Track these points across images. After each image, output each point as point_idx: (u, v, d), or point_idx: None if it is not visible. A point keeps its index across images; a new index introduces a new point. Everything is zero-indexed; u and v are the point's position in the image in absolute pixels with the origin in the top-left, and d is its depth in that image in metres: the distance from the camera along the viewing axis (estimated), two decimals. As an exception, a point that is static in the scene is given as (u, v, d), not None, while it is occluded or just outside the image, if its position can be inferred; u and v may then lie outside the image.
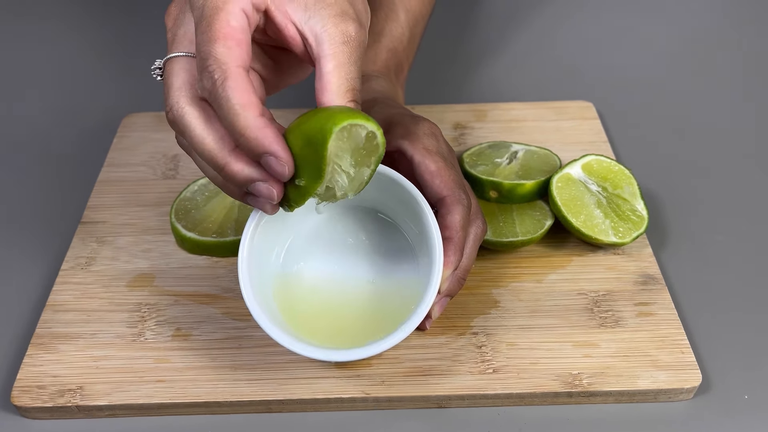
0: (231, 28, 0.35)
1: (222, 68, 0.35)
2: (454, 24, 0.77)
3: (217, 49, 0.35)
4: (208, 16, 0.35)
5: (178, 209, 0.53)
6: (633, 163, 0.58)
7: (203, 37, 0.35)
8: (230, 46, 0.35)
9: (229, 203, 0.53)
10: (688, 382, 0.44)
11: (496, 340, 0.46)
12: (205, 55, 0.35)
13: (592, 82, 0.68)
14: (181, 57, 0.38)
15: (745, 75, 0.70)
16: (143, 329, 0.47)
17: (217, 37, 0.35)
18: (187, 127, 0.37)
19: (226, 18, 0.35)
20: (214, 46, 0.35)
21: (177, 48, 0.39)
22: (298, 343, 0.40)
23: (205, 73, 0.35)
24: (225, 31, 0.35)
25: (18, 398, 0.44)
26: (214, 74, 0.35)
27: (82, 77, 0.71)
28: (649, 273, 0.50)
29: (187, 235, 0.51)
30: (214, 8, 0.35)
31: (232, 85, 0.34)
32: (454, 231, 0.43)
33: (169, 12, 0.40)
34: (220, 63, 0.35)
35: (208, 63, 0.35)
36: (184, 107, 0.37)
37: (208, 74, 0.35)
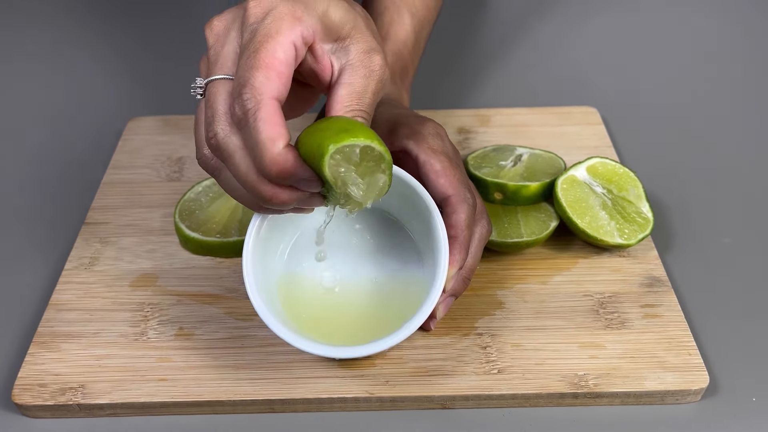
0: (276, 59, 0.35)
1: (257, 98, 0.34)
2: (459, 30, 0.78)
3: (258, 78, 0.34)
4: (257, 41, 0.35)
5: (182, 210, 0.53)
6: (637, 168, 0.58)
7: (246, 62, 0.35)
8: (270, 77, 0.35)
9: (234, 204, 0.53)
10: (696, 383, 0.43)
11: (501, 340, 0.46)
12: (243, 81, 0.35)
13: (597, 89, 0.69)
14: (226, 81, 0.37)
15: (749, 80, 0.70)
16: (146, 328, 0.47)
17: (259, 66, 0.35)
18: (232, 155, 0.36)
19: (274, 48, 0.35)
20: (254, 73, 0.34)
21: (221, 69, 0.37)
22: (300, 338, 0.39)
23: (239, 100, 0.35)
24: (269, 61, 0.35)
25: (19, 396, 0.44)
26: (247, 103, 0.34)
27: (89, 81, 0.71)
28: (655, 275, 0.50)
29: (191, 235, 0.51)
30: (266, 35, 0.35)
31: (264, 117, 0.34)
32: (459, 230, 0.43)
33: (213, 26, 0.39)
34: (255, 92, 0.34)
35: (244, 91, 0.34)
36: (228, 135, 0.36)
37: (241, 102, 0.34)
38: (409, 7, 0.59)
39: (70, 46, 0.76)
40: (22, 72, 0.73)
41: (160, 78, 0.71)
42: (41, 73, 0.73)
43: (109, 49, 0.75)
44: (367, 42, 0.39)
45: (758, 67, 0.71)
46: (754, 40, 0.75)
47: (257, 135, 0.34)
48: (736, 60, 0.72)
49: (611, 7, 0.80)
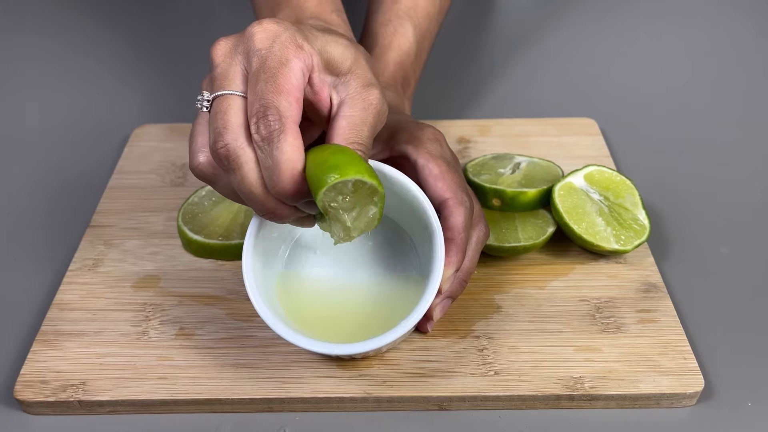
0: (292, 85, 0.37)
1: (282, 121, 0.36)
2: (461, 42, 0.79)
3: (282, 102, 0.37)
4: (272, 67, 0.37)
5: (186, 213, 0.53)
6: (635, 177, 0.59)
7: (267, 86, 0.37)
8: (291, 102, 0.37)
9: (236, 208, 0.54)
10: (691, 387, 0.44)
11: (497, 343, 0.46)
12: (267, 104, 0.36)
13: (595, 101, 0.70)
14: (236, 96, 0.38)
15: (745, 91, 0.71)
16: (147, 328, 0.48)
17: (281, 91, 0.37)
18: (242, 167, 0.37)
19: (289, 74, 0.37)
20: (278, 98, 0.37)
21: (230, 86, 0.39)
22: (297, 335, 0.40)
23: (264, 121, 0.36)
24: (288, 87, 0.37)
25: (20, 392, 0.44)
26: (273, 125, 0.36)
27: (98, 90, 0.73)
28: (651, 281, 0.50)
29: (194, 237, 0.52)
30: (279, 61, 0.37)
31: (289, 140, 0.36)
32: (457, 232, 0.43)
33: (219, 46, 0.40)
34: (281, 116, 0.36)
35: (270, 113, 0.36)
36: (243, 147, 0.37)
37: (266, 123, 0.36)
38: (412, 18, 0.60)
39: (79, 56, 0.78)
40: (33, 80, 0.74)
41: (166, 88, 0.72)
42: (52, 81, 0.74)
43: (117, 60, 0.77)
44: (366, 78, 0.41)
45: (755, 79, 0.72)
46: (751, 51, 0.76)
47: (280, 155, 0.36)
48: (732, 72, 0.73)
49: (610, 22, 0.82)
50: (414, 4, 0.60)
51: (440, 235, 0.42)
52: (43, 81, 0.74)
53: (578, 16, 0.83)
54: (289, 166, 0.36)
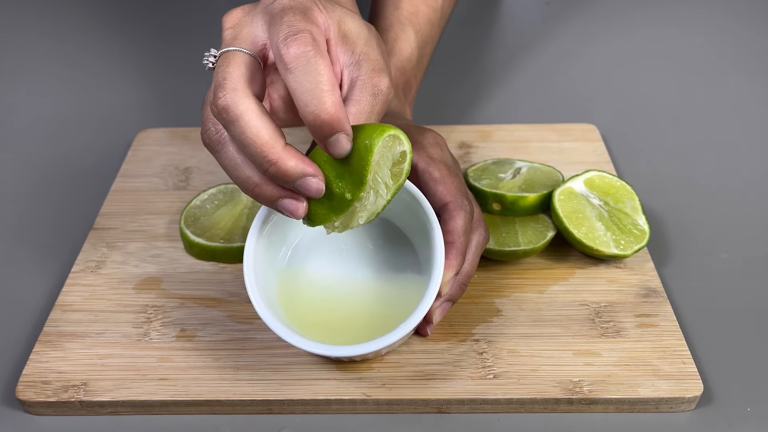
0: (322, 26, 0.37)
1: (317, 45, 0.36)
2: (462, 48, 0.79)
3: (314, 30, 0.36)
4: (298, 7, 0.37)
5: (188, 216, 0.54)
6: (635, 183, 0.59)
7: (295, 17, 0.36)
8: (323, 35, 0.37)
9: (238, 212, 0.54)
10: (690, 391, 0.44)
11: (497, 347, 0.46)
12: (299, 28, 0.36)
13: (596, 107, 0.70)
14: (242, 53, 0.38)
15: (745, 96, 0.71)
16: (149, 330, 0.48)
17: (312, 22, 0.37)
18: (242, 115, 0.36)
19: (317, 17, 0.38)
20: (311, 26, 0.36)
21: (239, 44, 0.38)
22: (298, 337, 0.40)
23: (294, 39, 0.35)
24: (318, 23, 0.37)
25: (22, 393, 0.44)
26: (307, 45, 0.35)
27: (101, 94, 0.73)
28: (651, 286, 0.50)
29: (195, 240, 0.52)
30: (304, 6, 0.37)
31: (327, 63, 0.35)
32: (457, 236, 0.44)
33: (231, 13, 0.40)
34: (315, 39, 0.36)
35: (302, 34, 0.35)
36: (242, 97, 0.36)
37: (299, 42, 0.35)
38: (414, 24, 0.60)
39: (84, 61, 0.79)
40: (37, 84, 0.75)
41: (169, 92, 0.73)
42: (56, 86, 0.75)
43: (121, 65, 0.78)
44: (378, 62, 0.40)
45: (755, 83, 0.73)
46: (750, 57, 0.77)
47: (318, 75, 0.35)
48: (732, 77, 0.74)
49: (611, 29, 0.82)
50: (416, 10, 0.61)
51: (440, 239, 0.42)
52: (47, 85, 0.75)
53: (579, 22, 0.84)
54: (328, 87, 0.35)
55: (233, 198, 0.55)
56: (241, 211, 0.54)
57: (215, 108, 0.37)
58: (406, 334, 0.41)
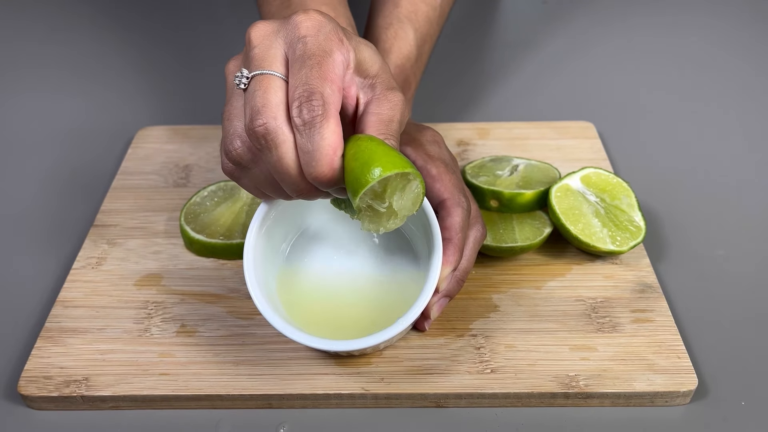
0: (336, 74, 0.38)
1: (326, 108, 0.37)
2: (461, 47, 0.80)
3: (326, 89, 0.37)
4: (317, 54, 0.37)
5: (188, 213, 0.54)
6: (632, 180, 0.60)
7: (312, 72, 0.37)
8: (335, 91, 0.37)
9: (238, 208, 0.55)
10: (684, 385, 0.44)
11: (494, 342, 0.47)
12: (312, 89, 0.37)
13: (593, 105, 0.70)
14: (277, 77, 0.38)
15: (741, 95, 0.71)
16: (149, 325, 0.48)
17: (326, 78, 0.37)
18: (280, 146, 0.37)
19: (333, 64, 0.38)
20: (324, 84, 0.37)
21: (270, 66, 0.38)
22: (296, 331, 0.41)
23: (308, 105, 0.36)
24: (332, 76, 0.37)
25: (24, 388, 0.45)
26: (316, 110, 0.36)
27: (102, 93, 0.74)
28: (647, 282, 0.51)
29: (195, 237, 0.52)
30: (323, 50, 0.38)
31: (332, 127, 0.37)
32: (454, 232, 0.44)
33: (258, 27, 0.40)
34: (326, 102, 0.37)
35: (314, 98, 0.36)
36: (282, 126, 0.37)
37: (310, 108, 0.36)
38: (413, 22, 0.61)
39: (84, 60, 0.79)
40: (39, 83, 0.75)
41: (169, 90, 0.73)
42: (57, 84, 0.75)
43: (121, 63, 0.78)
44: (390, 83, 0.41)
45: (752, 82, 0.73)
46: (748, 55, 0.77)
47: (321, 140, 0.36)
48: (729, 75, 0.74)
49: (609, 27, 0.83)
50: (415, 9, 0.61)
51: (438, 235, 0.43)
52: (48, 84, 0.75)
53: (577, 21, 0.84)
54: (329, 152, 0.36)
55: (233, 195, 0.56)
56: (240, 208, 0.55)
57: (252, 133, 0.37)
58: (404, 329, 0.41)
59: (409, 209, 0.39)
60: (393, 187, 0.38)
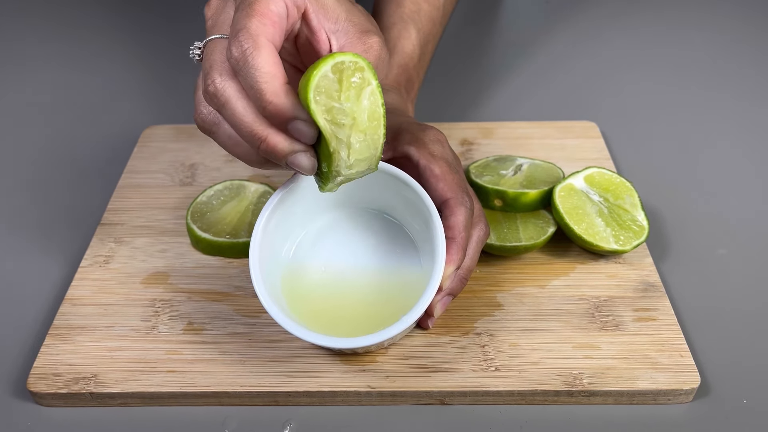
0: (269, 10, 0.37)
1: (254, 39, 0.36)
2: (464, 46, 0.80)
3: (252, 23, 0.36)
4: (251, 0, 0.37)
5: (194, 212, 0.55)
6: (635, 179, 0.60)
7: (241, 14, 0.37)
8: (265, 23, 0.36)
9: (243, 207, 0.55)
10: (687, 383, 0.45)
11: (498, 340, 0.47)
12: (239, 27, 0.36)
13: (597, 104, 0.71)
14: (222, 39, 0.39)
15: (744, 94, 0.71)
16: (157, 323, 0.49)
17: (254, 14, 0.36)
18: (229, 100, 0.37)
19: (267, 2, 0.37)
20: (249, 20, 0.36)
21: (218, 31, 0.40)
22: (301, 329, 0.41)
23: (235, 42, 0.36)
24: (262, 11, 0.37)
25: (34, 384, 0.45)
26: (243, 44, 0.36)
27: (109, 92, 0.74)
28: (650, 281, 0.51)
29: (202, 235, 0.53)
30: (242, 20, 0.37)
31: (263, 55, 0.36)
32: (458, 231, 0.45)
33: (210, 4, 0.42)
34: (251, 34, 0.36)
35: (240, 34, 0.36)
36: (225, 81, 0.37)
37: (237, 44, 0.36)
38: (415, 22, 0.61)
39: (91, 58, 0.79)
40: (46, 82, 0.76)
41: (175, 89, 0.74)
42: (64, 83, 0.76)
43: (127, 62, 0.78)
44: (364, 25, 0.40)
45: (754, 83, 0.73)
46: (751, 55, 0.77)
47: (256, 72, 0.36)
48: (731, 76, 0.74)
49: (612, 27, 0.83)
50: (418, 8, 0.62)
51: (441, 234, 0.43)
52: (54, 83, 0.76)
53: (580, 20, 0.84)
54: (267, 79, 0.35)
55: (239, 194, 0.56)
56: (246, 207, 0.55)
57: (206, 95, 0.38)
58: (408, 327, 0.42)
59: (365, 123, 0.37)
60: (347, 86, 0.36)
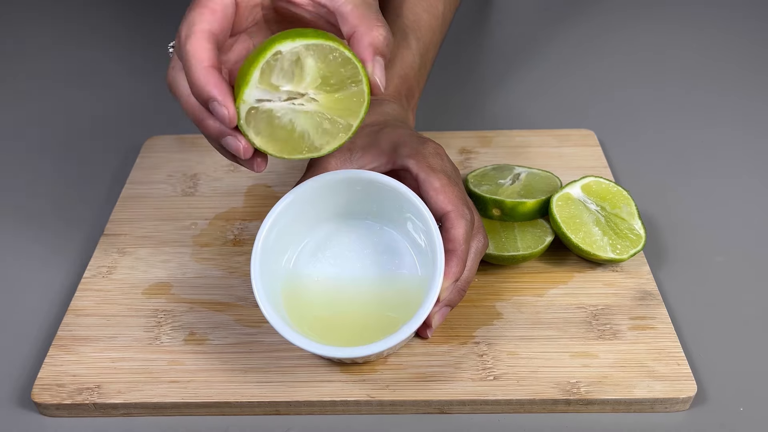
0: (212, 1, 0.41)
1: (188, 28, 0.40)
2: (463, 56, 0.81)
3: (191, 14, 0.41)
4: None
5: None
6: (632, 188, 0.60)
7: (189, 7, 0.41)
8: (203, 12, 0.40)
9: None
10: (684, 392, 0.45)
11: (497, 349, 0.48)
12: (183, 19, 0.41)
13: (594, 112, 0.71)
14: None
15: (741, 103, 0.72)
16: (159, 333, 0.50)
17: (195, 6, 0.41)
18: (177, 87, 0.42)
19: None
20: (189, 12, 0.41)
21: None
22: (303, 338, 0.42)
23: (177, 34, 0.41)
24: (204, 1, 0.41)
25: (38, 395, 0.46)
26: (181, 33, 0.40)
27: (110, 102, 0.75)
28: (647, 289, 0.52)
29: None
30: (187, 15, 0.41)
31: (192, 41, 0.39)
32: (457, 244, 0.45)
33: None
34: (188, 24, 0.40)
35: (182, 25, 0.41)
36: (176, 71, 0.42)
37: (178, 35, 0.41)
38: (415, 32, 0.62)
39: (93, 69, 0.80)
40: (48, 92, 0.77)
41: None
42: (66, 94, 0.76)
43: (128, 72, 0.79)
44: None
45: (752, 91, 0.74)
46: (748, 63, 0.78)
47: (186, 57, 0.39)
48: (729, 84, 0.75)
49: (609, 35, 0.84)
50: (417, 18, 0.62)
51: (440, 246, 0.44)
52: (56, 93, 0.76)
53: (578, 29, 0.85)
54: (193, 63, 0.39)
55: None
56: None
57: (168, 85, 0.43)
58: (407, 337, 0.42)
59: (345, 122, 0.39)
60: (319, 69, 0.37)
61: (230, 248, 0.56)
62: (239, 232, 0.57)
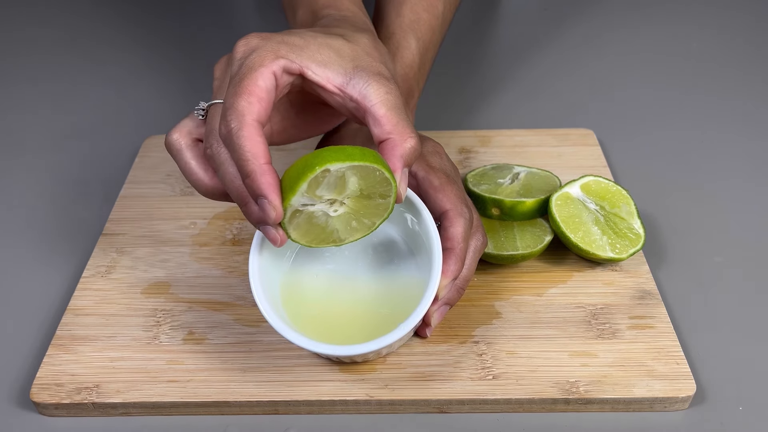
0: (257, 86, 0.40)
1: (240, 119, 0.39)
2: (462, 55, 0.81)
3: (241, 102, 0.39)
4: (242, 73, 0.40)
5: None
6: (631, 187, 0.60)
7: (231, 90, 0.40)
8: (251, 102, 0.39)
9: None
10: (683, 391, 0.45)
11: (496, 348, 0.48)
12: (227, 105, 0.39)
13: (593, 112, 0.71)
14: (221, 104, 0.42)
15: (741, 102, 0.72)
16: (158, 333, 0.50)
17: (242, 92, 0.39)
18: (222, 163, 0.41)
19: (255, 77, 0.40)
20: (237, 99, 0.39)
21: (220, 95, 0.43)
22: (301, 337, 0.42)
23: (223, 120, 0.39)
24: (251, 89, 0.39)
25: (37, 395, 0.46)
26: (230, 123, 0.39)
27: (110, 102, 0.75)
28: (646, 289, 0.51)
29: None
30: (250, 67, 0.40)
31: (246, 135, 0.38)
32: (456, 242, 0.45)
33: (220, 63, 0.46)
34: (239, 114, 0.39)
35: (228, 113, 0.39)
36: (221, 147, 0.41)
37: (225, 123, 0.39)
38: (415, 31, 0.62)
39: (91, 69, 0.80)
40: (48, 92, 0.77)
41: (176, 99, 0.74)
42: (65, 94, 0.76)
43: (128, 74, 0.79)
44: (373, 68, 0.42)
45: (752, 90, 0.74)
46: (748, 63, 0.78)
47: (239, 150, 0.39)
48: (729, 83, 0.75)
49: (609, 35, 0.84)
50: (417, 18, 0.62)
51: (438, 245, 0.44)
52: (56, 93, 0.76)
53: (578, 28, 0.85)
54: (248, 157, 0.38)
55: None
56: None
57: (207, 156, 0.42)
58: (404, 335, 0.42)
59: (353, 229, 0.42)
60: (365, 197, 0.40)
61: (229, 248, 0.56)
62: (238, 231, 0.57)
